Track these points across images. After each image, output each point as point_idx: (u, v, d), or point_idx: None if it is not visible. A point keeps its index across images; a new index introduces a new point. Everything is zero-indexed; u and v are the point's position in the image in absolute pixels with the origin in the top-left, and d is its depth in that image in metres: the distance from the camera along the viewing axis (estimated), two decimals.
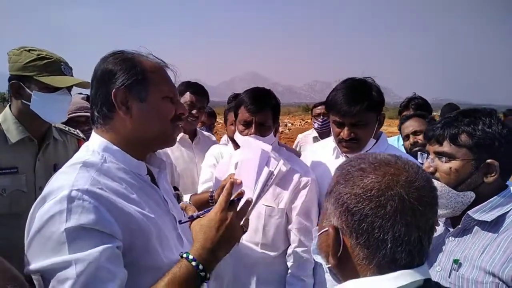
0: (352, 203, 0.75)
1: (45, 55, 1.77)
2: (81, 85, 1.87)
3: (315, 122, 3.77)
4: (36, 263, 0.93)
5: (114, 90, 1.09)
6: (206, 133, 2.93)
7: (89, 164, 1.06)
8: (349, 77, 1.84)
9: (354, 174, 0.78)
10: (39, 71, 1.73)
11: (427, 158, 1.38)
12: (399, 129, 2.94)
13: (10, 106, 1.81)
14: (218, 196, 1.09)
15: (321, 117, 3.64)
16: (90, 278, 0.90)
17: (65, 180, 1.00)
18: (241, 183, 1.24)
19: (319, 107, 3.79)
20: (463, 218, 1.26)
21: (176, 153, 2.59)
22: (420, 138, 2.60)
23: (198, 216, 1.09)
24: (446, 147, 1.28)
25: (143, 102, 1.11)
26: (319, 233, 0.85)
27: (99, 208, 0.96)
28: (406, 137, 2.77)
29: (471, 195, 1.25)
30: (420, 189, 0.74)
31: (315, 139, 3.79)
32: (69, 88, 1.85)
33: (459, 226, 1.29)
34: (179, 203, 1.37)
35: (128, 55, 1.15)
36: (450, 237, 1.32)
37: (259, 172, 1.25)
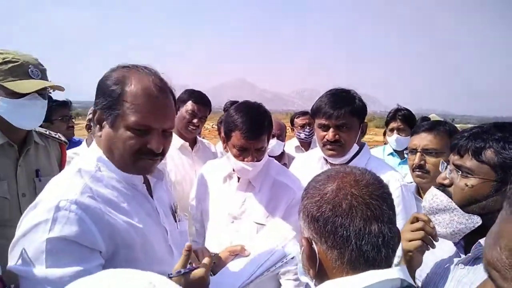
0: (314, 210, 0.82)
1: (11, 59, 1.66)
2: (53, 88, 1.78)
3: (300, 133, 3.77)
4: (15, 266, 0.99)
5: (94, 109, 1.15)
6: (206, 142, 2.97)
7: (83, 171, 1.11)
8: (334, 87, 1.93)
9: (313, 186, 0.88)
10: (4, 76, 1.63)
11: (446, 168, 1.23)
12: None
13: None
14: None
15: (307, 127, 3.68)
16: None
17: (59, 188, 1.05)
18: (249, 255, 1.31)
19: (301, 117, 3.81)
20: (473, 246, 1.12)
21: (176, 160, 2.62)
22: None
23: (185, 272, 1.10)
24: (467, 160, 1.12)
25: (110, 128, 1.11)
26: (301, 253, 0.89)
27: (84, 220, 1.00)
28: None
29: (477, 221, 1.11)
30: (368, 186, 0.82)
31: (298, 149, 3.80)
32: (42, 92, 1.74)
33: (470, 254, 1.15)
34: (175, 213, 1.39)
35: (122, 72, 1.13)
36: (460, 264, 1.19)
37: (273, 252, 1.28)
